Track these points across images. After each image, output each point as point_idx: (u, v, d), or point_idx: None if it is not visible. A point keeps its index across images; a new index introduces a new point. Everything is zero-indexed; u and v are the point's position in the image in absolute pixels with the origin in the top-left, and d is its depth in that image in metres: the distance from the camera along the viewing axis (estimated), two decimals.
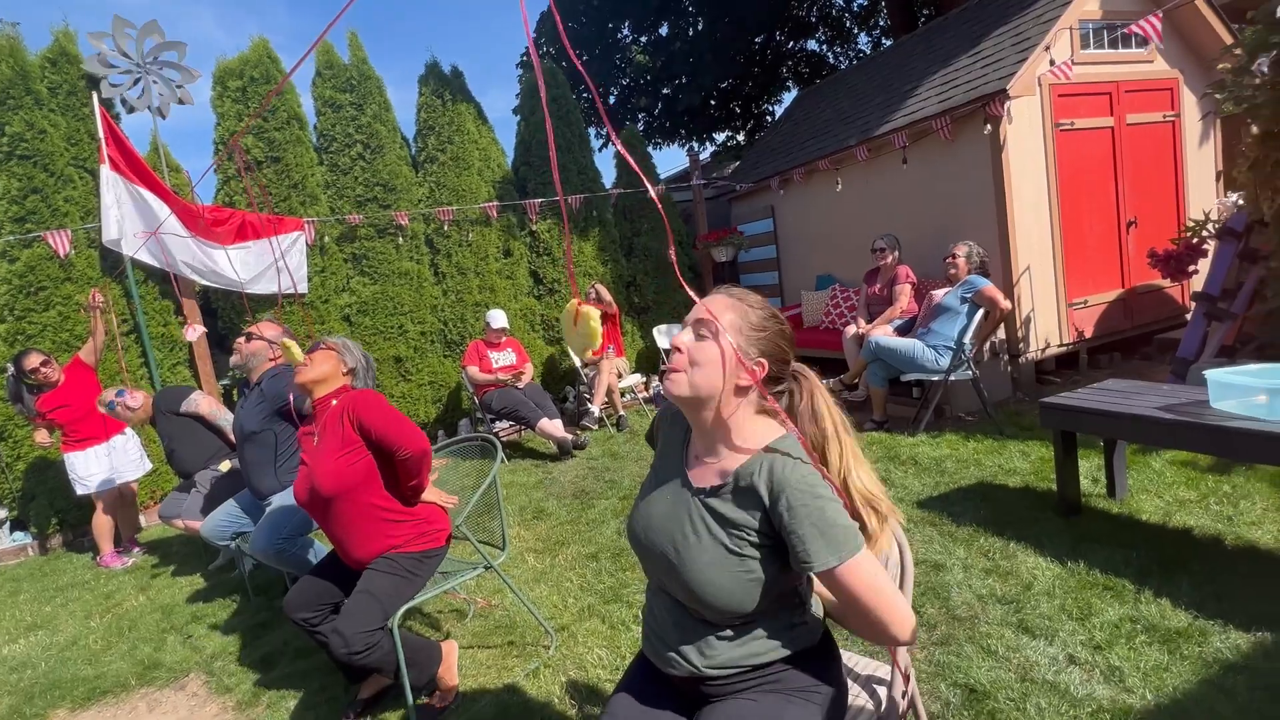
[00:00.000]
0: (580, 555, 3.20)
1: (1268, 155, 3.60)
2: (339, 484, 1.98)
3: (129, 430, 4.49)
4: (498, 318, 5.57)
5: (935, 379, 4.14)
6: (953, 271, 4.21)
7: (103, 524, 4.30)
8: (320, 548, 2.76)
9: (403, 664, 1.97)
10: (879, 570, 1.04)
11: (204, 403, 3.75)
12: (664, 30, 12.87)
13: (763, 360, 1.12)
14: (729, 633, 1.12)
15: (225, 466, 3.63)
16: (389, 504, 2.05)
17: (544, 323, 6.64)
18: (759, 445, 1.10)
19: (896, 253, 5.04)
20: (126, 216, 5.08)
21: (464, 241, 6.25)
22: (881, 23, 14.92)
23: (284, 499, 2.73)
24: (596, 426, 5.65)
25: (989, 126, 4.49)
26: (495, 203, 6.32)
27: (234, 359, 3.04)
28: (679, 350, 1.12)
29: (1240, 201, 4.25)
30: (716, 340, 1.10)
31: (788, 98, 15.85)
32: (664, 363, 6.52)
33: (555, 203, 6.50)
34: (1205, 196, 5.46)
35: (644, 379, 6.46)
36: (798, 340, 4.99)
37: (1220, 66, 3.85)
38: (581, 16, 12.30)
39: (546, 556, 3.26)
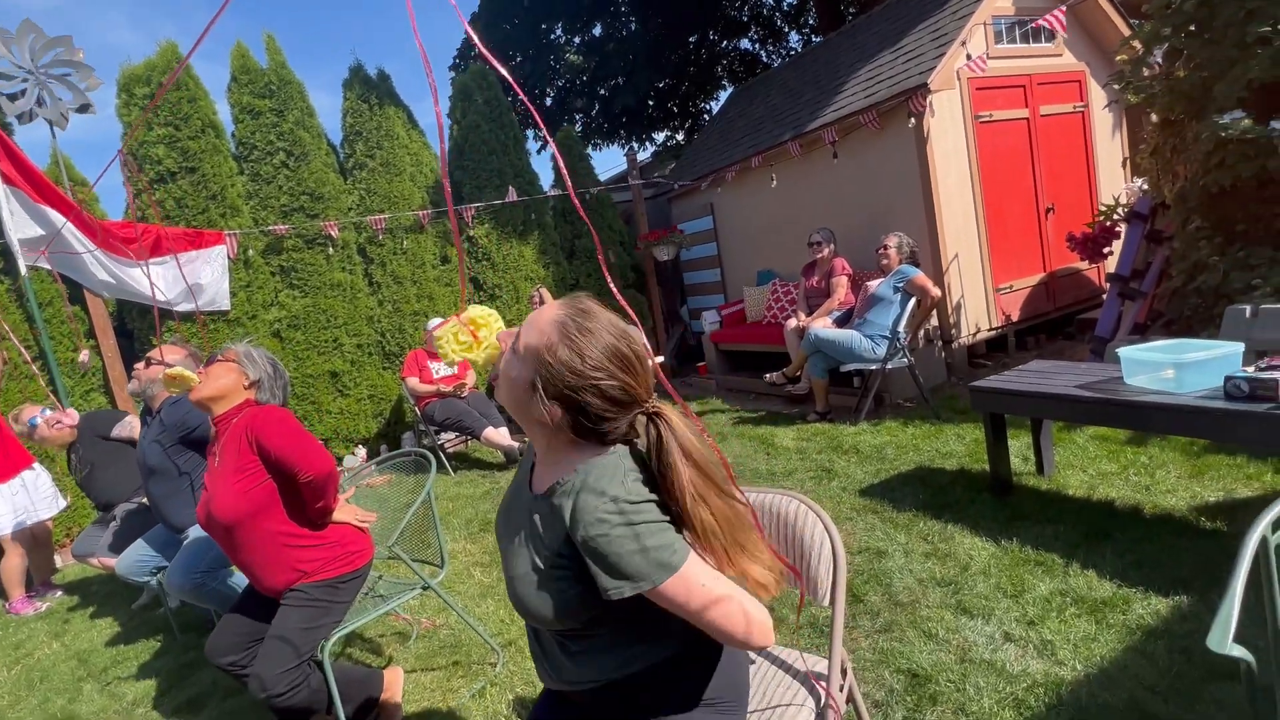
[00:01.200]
0: None
1: (1166, 141, 3.81)
2: (237, 511, 1.84)
3: (38, 465, 4.17)
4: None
5: (873, 368, 4.23)
6: (885, 262, 4.32)
7: (12, 568, 3.99)
8: (242, 579, 2.61)
9: (336, 698, 1.87)
10: (699, 585, 0.94)
11: (136, 427, 3.52)
12: (597, 31, 12.83)
13: (553, 406, 0.98)
14: (574, 649, 1.05)
15: None
16: (295, 530, 1.92)
17: None
18: (578, 463, 1.00)
19: (832, 245, 5.13)
20: (25, 234, 4.73)
21: (399, 249, 6.07)
22: (811, 21, 15.27)
23: (200, 531, 2.57)
24: None
25: (913, 120, 4.62)
26: (428, 209, 6.16)
27: (131, 385, 2.85)
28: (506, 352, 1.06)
29: (1144, 186, 4.49)
30: (514, 360, 1.02)
31: (724, 96, 16.07)
32: None
33: (493, 206, 6.38)
34: (1114, 182, 5.75)
35: None
36: (743, 336, 4.93)
37: (1119, 59, 4.06)
38: (514, 18, 12.14)
39: (493, 570, 3.18)
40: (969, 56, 4.61)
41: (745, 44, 15.40)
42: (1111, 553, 2.26)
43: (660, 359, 6.58)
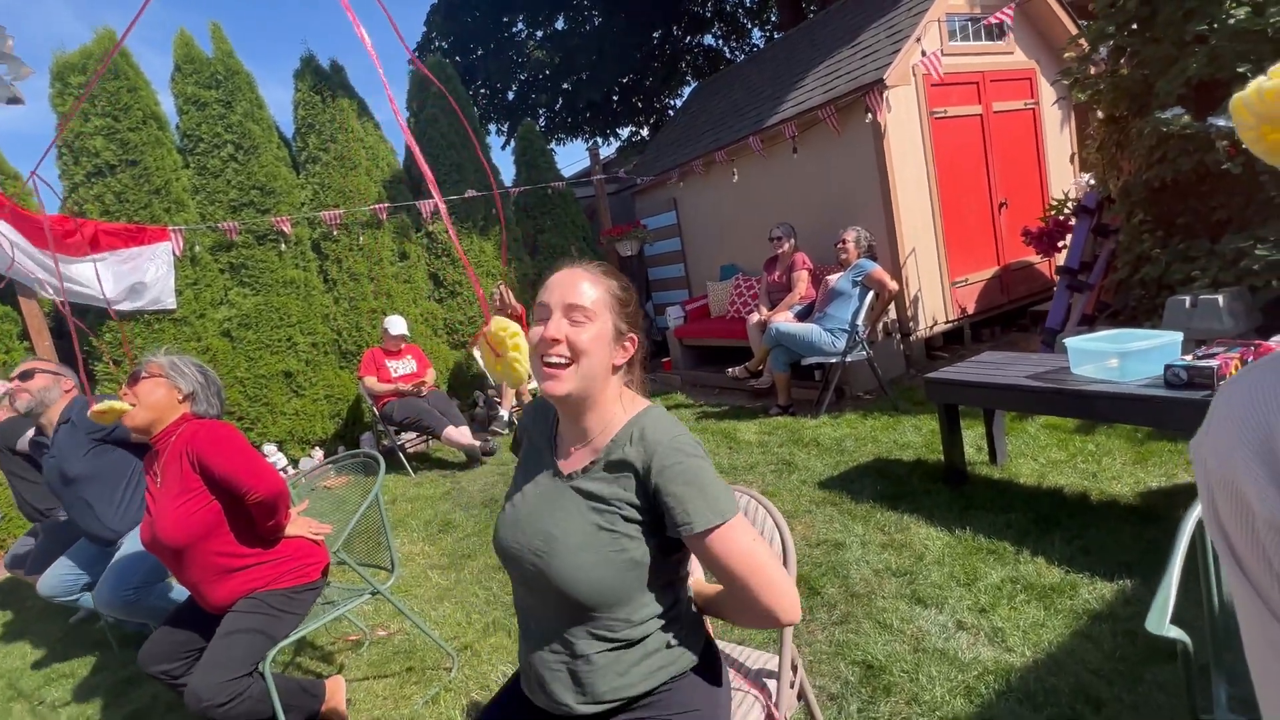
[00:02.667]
0: (487, 567, 3.08)
1: (1110, 137, 3.92)
2: (184, 534, 1.75)
3: None
4: (396, 324, 5.31)
5: (833, 361, 4.26)
6: (844, 256, 4.35)
7: None
8: (181, 590, 2.49)
9: (279, 710, 1.80)
10: (758, 538, 1.02)
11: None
12: (560, 25, 12.71)
13: (633, 335, 1.09)
14: (605, 659, 1.03)
15: None
16: (244, 550, 1.84)
17: (447, 327, 6.40)
18: (628, 416, 1.08)
19: (793, 240, 5.17)
20: None
21: (355, 245, 5.91)
22: (773, 18, 15.39)
23: (132, 543, 2.45)
24: (507, 430, 5.50)
25: (870, 115, 4.66)
26: (386, 204, 6.01)
27: (21, 403, 2.57)
28: (558, 341, 1.02)
29: (1091, 181, 4.62)
30: (593, 323, 1.04)
31: (688, 92, 16.12)
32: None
33: (453, 202, 6.25)
34: (1063, 177, 5.91)
35: None
36: (707, 331, 4.96)
37: (1066, 56, 4.15)
38: (475, 10, 11.94)
39: (451, 572, 3.11)
40: (924, 53, 4.68)
41: (709, 40, 15.46)
42: (1060, 540, 2.31)
43: None
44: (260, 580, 1.85)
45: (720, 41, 15.68)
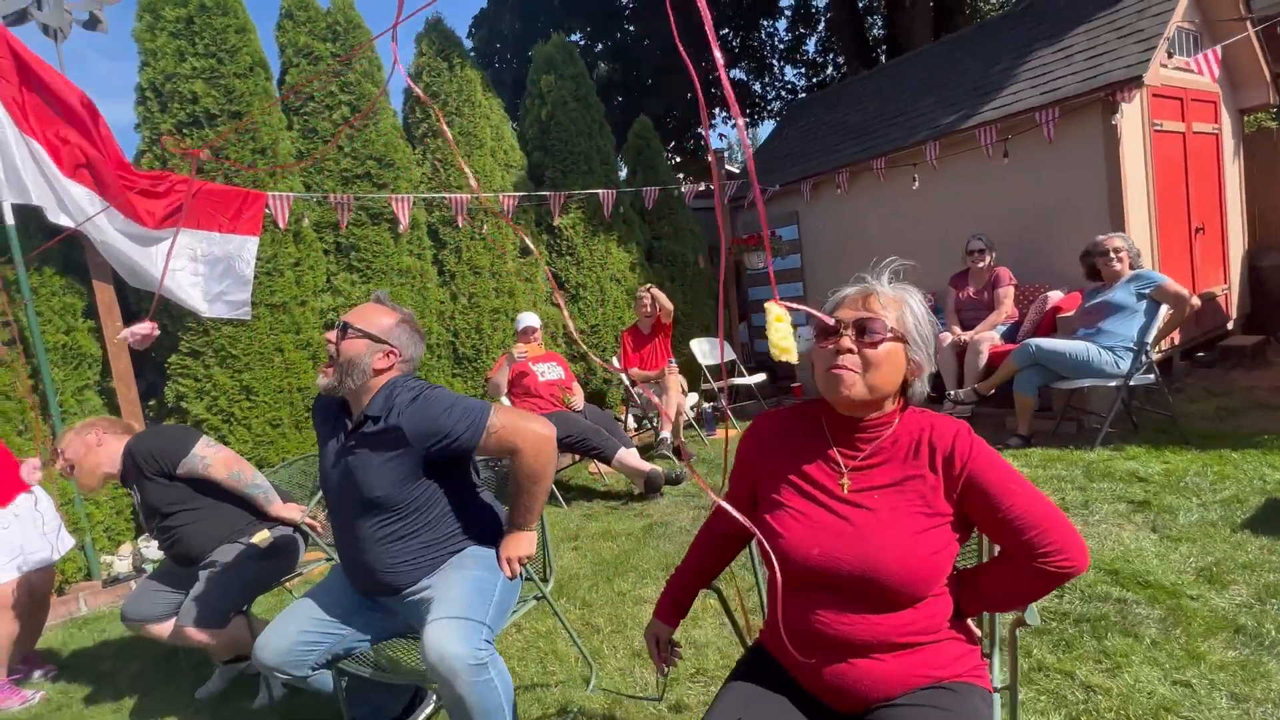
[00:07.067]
0: None
1: None
2: (916, 580, 1.04)
3: (38, 489, 2.91)
4: (527, 317, 4.52)
5: (1113, 384, 3.68)
6: (1117, 266, 3.80)
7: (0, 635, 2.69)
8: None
9: None
10: None
11: (217, 463, 2.34)
12: (612, 42, 12.32)
13: None
14: None
15: (262, 537, 2.30)
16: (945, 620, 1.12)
17: (567, 334, 5.58)
18: None
19: (994, 254, 4.65)
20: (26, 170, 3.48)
21: (476, 234, 5.09)
22: (802, 56, 15.45)
23: (478, 570, 1.60)
24: (670, 454, 4.62)
25: (1116, 117, 4.22)
26: (511, 193, 5.22)
27: (324, 380, 1.71)
28: None
29: None
30: None
31: (715, 122, 15.98)
32: (706, 379, 5.69)
33: (579, 197, 5.51)
34: (1235, 207, 5.63)
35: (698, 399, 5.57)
36: None
37: None
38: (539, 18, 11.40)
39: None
40: (1171, 54, 4.29)
41: (739, 74, 15.35)
42: None
43: (761, 377, 5.81)
44: (933, 668, 1.07)
45: (750, 78, 15.62)
